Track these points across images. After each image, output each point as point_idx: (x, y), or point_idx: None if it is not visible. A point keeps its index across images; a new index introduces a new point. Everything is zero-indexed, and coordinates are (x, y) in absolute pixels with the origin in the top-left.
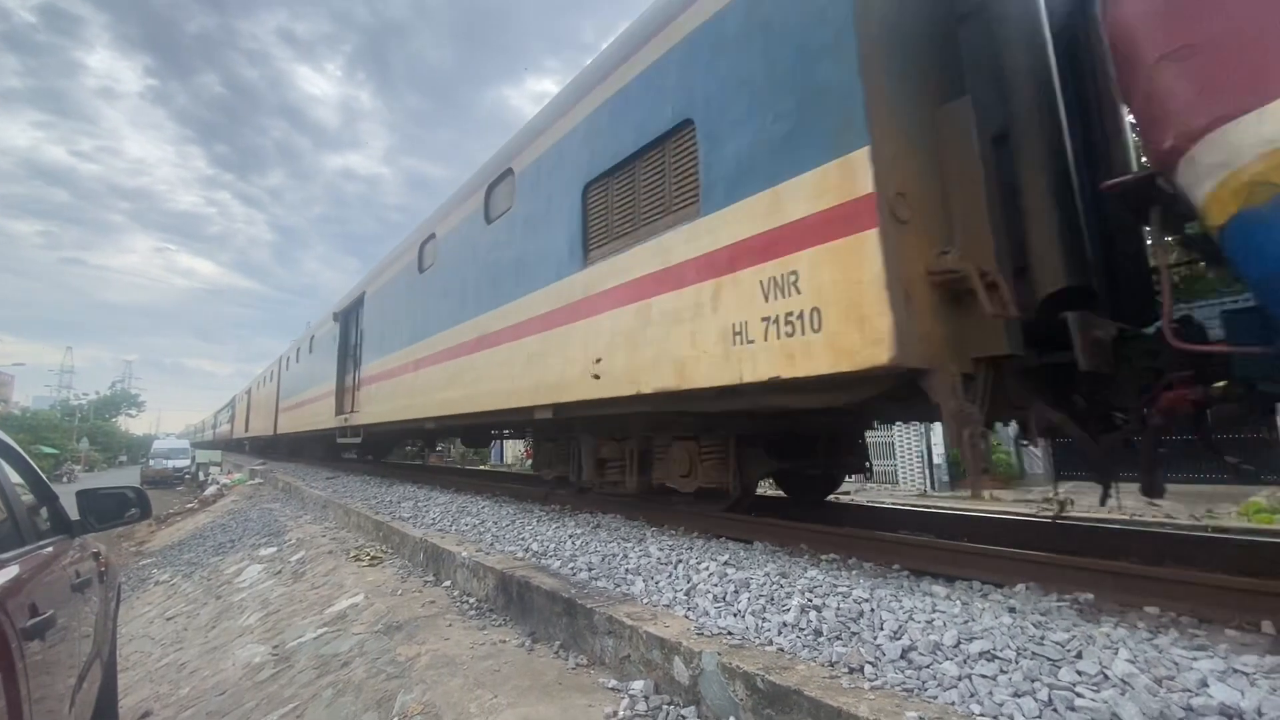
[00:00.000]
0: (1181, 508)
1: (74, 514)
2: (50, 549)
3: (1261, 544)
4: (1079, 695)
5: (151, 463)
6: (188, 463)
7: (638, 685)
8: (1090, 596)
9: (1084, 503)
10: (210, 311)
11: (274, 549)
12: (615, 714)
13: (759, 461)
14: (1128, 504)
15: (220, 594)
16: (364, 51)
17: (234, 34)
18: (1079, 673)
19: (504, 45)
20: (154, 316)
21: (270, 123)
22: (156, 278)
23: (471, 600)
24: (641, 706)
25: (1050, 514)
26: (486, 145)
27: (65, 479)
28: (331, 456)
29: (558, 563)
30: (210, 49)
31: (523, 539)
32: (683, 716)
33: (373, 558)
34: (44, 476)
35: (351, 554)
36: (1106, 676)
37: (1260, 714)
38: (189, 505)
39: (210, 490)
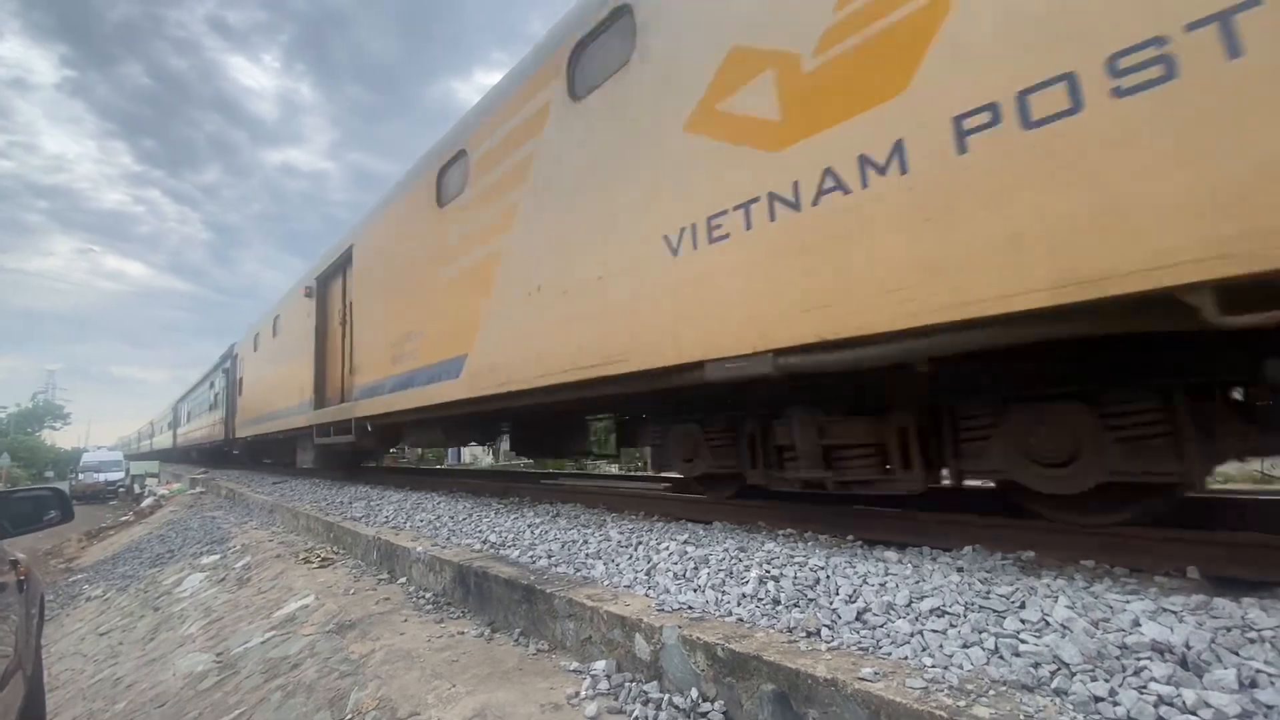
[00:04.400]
0: None
1: None
2: None
3: (1186, 500)
4: (1023, 641)
5: (81, 476)
6: (121, 475)
7: (600, 665)
8: (1032, 554)
9: None
10: (141, 316)
11: (217, 556)
12: (577, 694)
13: None
14: None
15: (158, 605)
16: (302, 42)
17: (160, 22)
18: (1022, 621)
19: (450, 36)
20: (79, 323)
21: (202, 116)
22: (80, 282)
23: (428, 595)
24: (604, 685)
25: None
26: (435, 137)
27: None
28: None
29: (516, 552)
30: (133, 38)
31: (480, 531)
32: (645, 692)
33: (323, 559)
34: None
35: (301, 556)
36: (1048, 623)
37: (1189, 646)
38: (124, 519)
39: (147, 502)
